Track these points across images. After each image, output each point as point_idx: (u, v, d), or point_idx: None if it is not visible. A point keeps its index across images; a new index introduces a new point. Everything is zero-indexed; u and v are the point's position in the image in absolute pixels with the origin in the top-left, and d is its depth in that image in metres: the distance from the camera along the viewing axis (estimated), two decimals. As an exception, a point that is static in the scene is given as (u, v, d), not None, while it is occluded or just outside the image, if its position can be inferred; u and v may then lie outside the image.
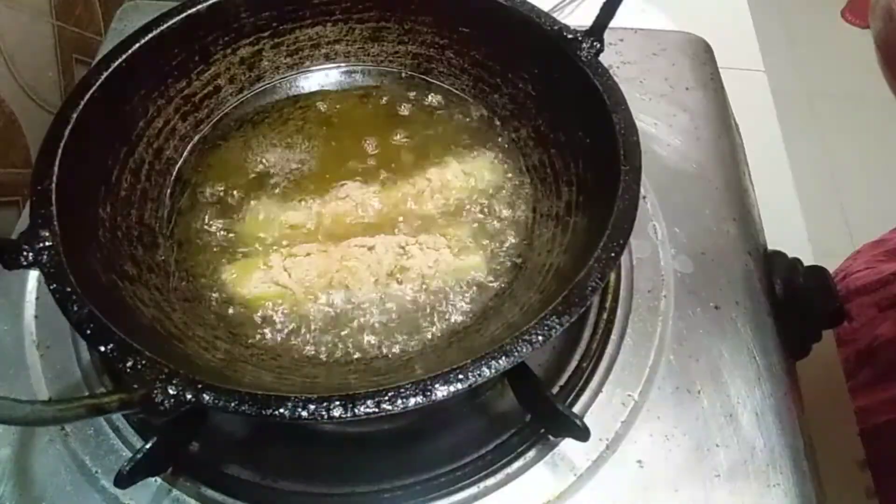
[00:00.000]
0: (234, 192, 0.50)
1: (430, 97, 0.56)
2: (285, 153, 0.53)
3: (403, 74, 0.56)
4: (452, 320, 0.44)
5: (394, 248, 0.47)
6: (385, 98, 0.56)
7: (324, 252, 0.47)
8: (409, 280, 0.46)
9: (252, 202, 0.50)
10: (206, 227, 0.48)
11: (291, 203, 0.50)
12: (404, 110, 0.55)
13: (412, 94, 0.56)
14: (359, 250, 0.47)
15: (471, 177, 0.51)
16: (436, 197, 0.50)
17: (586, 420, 0.41)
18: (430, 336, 0.44)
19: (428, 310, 0.45)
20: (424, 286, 0.46)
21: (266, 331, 0.44)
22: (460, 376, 0.32)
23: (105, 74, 0.44)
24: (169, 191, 0.50)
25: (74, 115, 0.42)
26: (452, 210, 0.49)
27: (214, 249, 0.47)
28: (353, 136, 0.54)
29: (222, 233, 0.48)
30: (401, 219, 0.49)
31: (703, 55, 0.65)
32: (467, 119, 0.54)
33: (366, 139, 0.53)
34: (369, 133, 0.54)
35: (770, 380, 0.46)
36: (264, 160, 0.52)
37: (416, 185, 0.51)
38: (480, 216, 0.49)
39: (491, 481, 0.42)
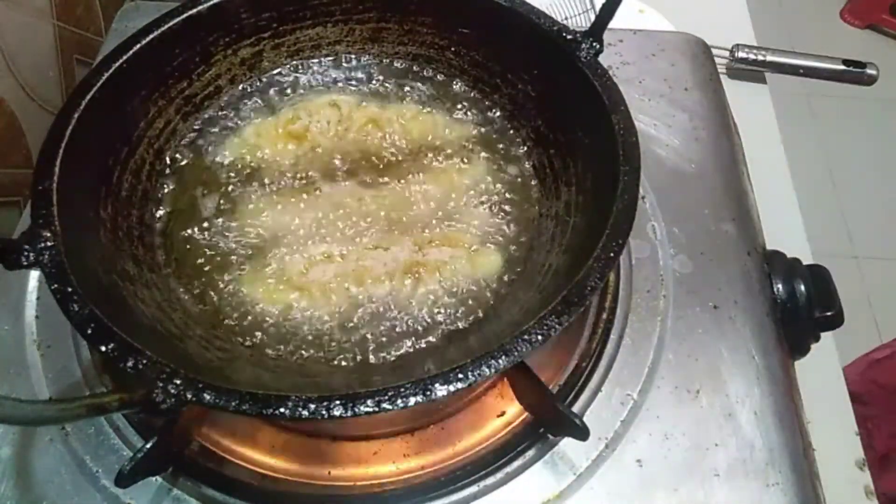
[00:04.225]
0: (236, 193, 0.50)
1: (429, 98, 0.56)
2: (288, 154, 0.53)
3: (403, 75, 0.57)
4: (453, 321, 0.44)
5: (396, 247, 0.47)
6: (386, 99, 0.56)
7: (326, 251, 0.47)
8: (412, 281, 0.46)
9: (254, 202, 0.50)
10: (207, 227, 0.48)
11: (294, 203, 0.50)
12: (405, 111, 0.55)
13: (412, 95, 0.56)
14: (360, 250, 0.47)
15: (471, 177, 0.51)
16: (436, 197, 0.50)
17: (585, 419, 0.41)
18: (433, 336, 0.44)
19: (430, 311, 0.45)
20: (427, 287, 0.46)
21: (267, 330, 0.44)
22: (460, 376, 0.32)
23: (106, 75, 0.44)
24: (170, 191, 0.50)
25: (75, 116, 0.42)
26: (453, 211, 0.49)
27: (216, 250, 0.47)
28: (354, 137, 0.54)
29: (224, 233, 0.48)
30: (403, 219, 0.49)
31: (701, 56, 0.65)
32: (467, 120, 0.55)
33: (368, 140, 0.53)
34: (371, 134, 0.54)
35: (769, 379, 0.46)
36: (267, 161, 0.52)
37: (415, 187, 0.51)
38: (480, 216, 0.49)
39: (490, 480, 0.42)
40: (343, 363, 0.43)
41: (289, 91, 0.56)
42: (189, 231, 0.48)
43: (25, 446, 0.43)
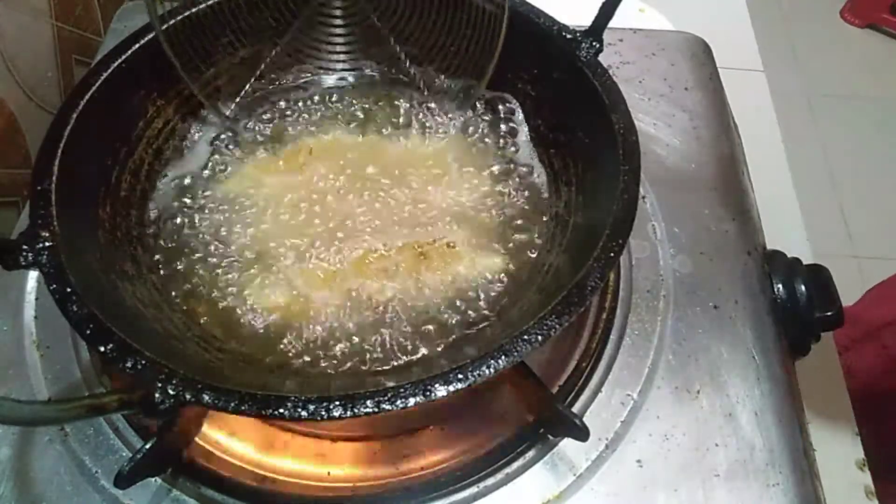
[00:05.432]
0: (236, 193, 0.50)
1: (428, 99, 0.55)
2: (288, 154, 0.52)
3: (404, 75, 0.56)
4: (455, 322, 0.44)
5: (397, 253, 0.47)
6: (386, 99, 0.56)
7: (327, 256, 0.47)
8: (414, 284, 0.45)
9: (254, 202, 0.50)
10: (207, 228, 0.48)
11: (294, 205, 0.49)
12: (405, 112, 0.55)
13: (412, 96, 0.56)
14: (362, 253, 0.47)
15: (470, 179, 0.51)
16: (436, 199, 0.50)
17: (585, 420, 0.41)
18: (438, 340, 0.43)
19: (435, 314, 0.44)
20: (430, 289, 0.45)
21: (267, 332, 0.44)
22: (460, 376, 0.32)
23: (105, 75, 0.44)
24: (169, 191, 0.50)
25: (74, 116, 0.42)
26: (454, 212, 0.49)
27: (216, 251, 0.47)
28: (356, 138, 0.53)
29: (224, 235, 0.48)
30: (404, 223, 0.48)
31: (702, 55, 0.65)
32: (467, 121, 0.54)
33: (369, 141, 0.53)
34: (372, 135, 0.54)
35: (769, 379, 0.46)
36: (266, 162, 0.52)
37: (415, 191, 0.50)
38: (481, 218, 0.49)
39: (490, 481, 0.42)
40: (344, 366, 0.42)
41: (286, 108, 0.55)
42: (189, 232, 0.48)
43: (25, 447, 0.43)
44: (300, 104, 0.55)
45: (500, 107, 0.54)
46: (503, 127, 0.54)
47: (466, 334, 0.44)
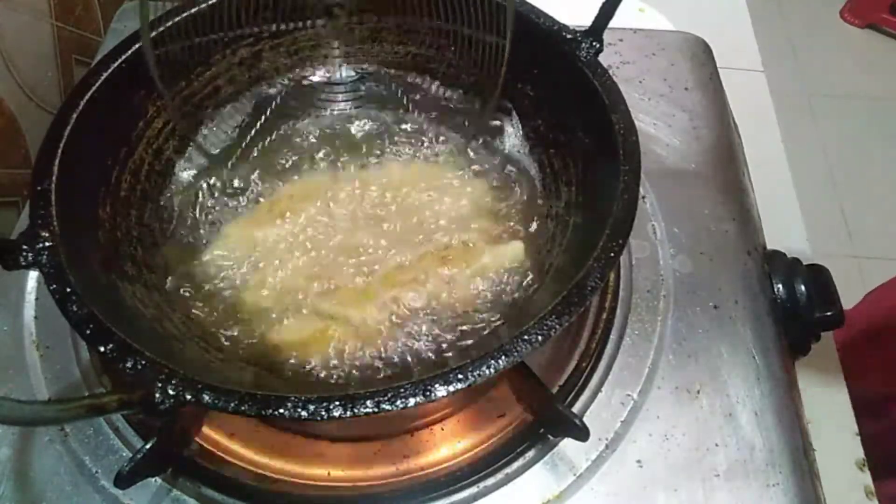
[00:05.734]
0: (236, 194, 0.50)
1: (429, 99, 0.55)
2: (288, 156, 0.52)
3: (403, 75, 0.56)
4: (487, 315, 0.44)
5: (426, 259, 0.47)
6: (385, 100, 0.55)
7: (354, 280, 0.46)
8: (445, 289, 0.45)
9: (255, 204, 0.49)
10: (206, 229, 0.48)
11: (297, 213, 0.49)
12: (403, 113, 0.55)
13: (410, 96, 0.56)
14: (391, 271, 0.47)
15: (471, 182, 0.51)
16: (441, 209, 0.49)
17: (585, 420, 0.41)
18: (470, 336, 0.43)
19: (466, 312, 0.44)
20: (460, 292, 0.45)
21: (266, 334, 0.44)
22: (460, 376, 0.32)
23: (105, 75, 0.44)
24: (168, 191, 0.50)
25: (74, 116, 0.42)
26: (462, 217, 0.49)
27: (217, 252, 0.47)
28: (358, 140, 0.53)
29: (224, 239, 0.48)
30: (421, 235, 0.48)
31: (702, 55, 0.65)
32: (466, 123, 0.54)
33: (371, 144, 0.53)
34: (374, 137, 0.53)
35: (769, 379, 0.46)
36: (266, 164, 0.52)
37: (420, 203, 0.50)
38: (482, 219, 0.49)
39: (490, 481, 0.42)
40: (350, 374, 0.42)
41: (288, 92, 0.55)
42: (188, 232, 0.48)
43: (24, 447, 0.43)
44: (293, 139, 0.54)
45: (497, 109, 0.54)
46: (499, 129, 0.53)
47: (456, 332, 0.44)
